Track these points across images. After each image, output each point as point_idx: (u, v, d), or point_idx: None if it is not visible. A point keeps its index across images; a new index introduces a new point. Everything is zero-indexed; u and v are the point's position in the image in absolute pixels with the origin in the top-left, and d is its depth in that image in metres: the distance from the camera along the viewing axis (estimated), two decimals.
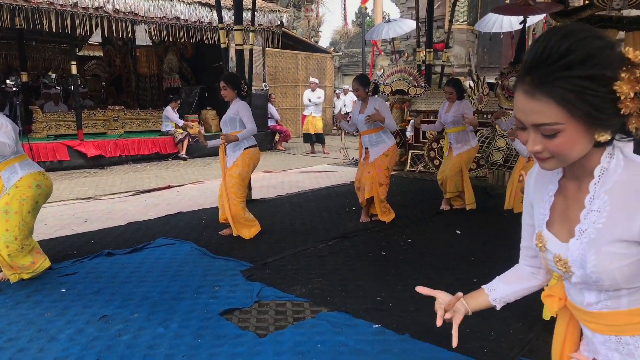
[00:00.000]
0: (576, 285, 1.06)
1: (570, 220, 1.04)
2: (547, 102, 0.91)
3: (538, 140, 0.96)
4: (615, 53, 0.91)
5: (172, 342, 2.72)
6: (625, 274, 0.96)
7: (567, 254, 1.02)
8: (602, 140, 0.95)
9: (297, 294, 3.40)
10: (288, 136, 12.71)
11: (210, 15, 10.03)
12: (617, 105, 0.90)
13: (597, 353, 1.08)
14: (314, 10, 24.36)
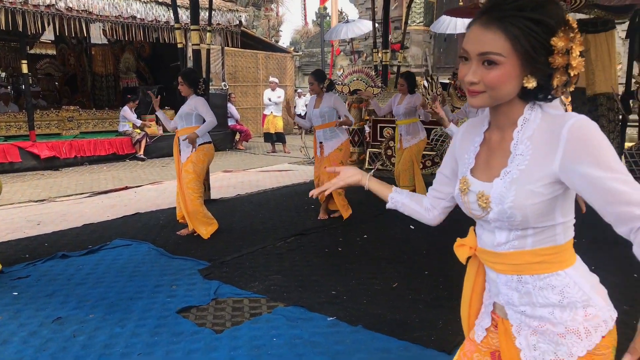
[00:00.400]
0: (490, 224, 1.18)
1: (493, 167, 1.17)
2: (497, 34, 1.05)
3: (478, 72, 1.08)
4: (560, 12, 1.05)
5: (129, 341, 2.74)
6: (536, 211, 1.09)
7: (490, 191, 1.14)
8: (529, 87, 1.08)
9: (255, 290, 3.47)
10: (248, 136, 12.70)
11: (168, 14, 9.93)
12: (549, 58, 1.05)
13: (499, 294, 1.21)
14: (274, 9, 24.36)
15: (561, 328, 1.12)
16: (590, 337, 1.11)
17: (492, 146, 1.20)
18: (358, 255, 4.26)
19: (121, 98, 12.26)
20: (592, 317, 1.12)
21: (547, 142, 1.08)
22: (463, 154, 1.28)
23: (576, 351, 1.10)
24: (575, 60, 1.05)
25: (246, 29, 13.37)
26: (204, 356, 2.60)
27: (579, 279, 1.14)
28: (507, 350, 1.20)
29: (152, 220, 5.35)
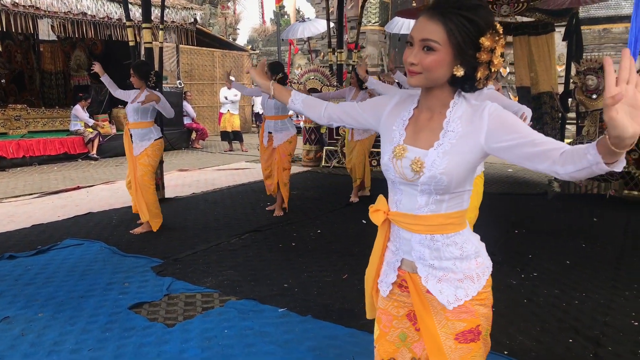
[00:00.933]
0: (414, 189, 1.37)
1: (421, 139, 1.37)
2: (437, 25, 1.26)
3: (418, 55, 1.28)
4: (490, 17, 1.27)
5: (79, 338, 2.75)
6: (459, 178, 1.32)
7: (425, 158, 1.33)
8: (457, 74, 1.28)
9: (207, 285, 3.52)
10: (205, 134, 12.61)
11: (120, 11, 9.76)
12: (476, 53, 1.26)
13: (412, 251, 1.41)
14: (231, 7, 24.18)
15: (460, 275, 1.37)
16: (480, 280, 1.38)
17: (420, 122, 1.40)
18: (311, 250, 4.37)
19: (72, 96, 11.95)
20: (481, 264, 1.40)
21: (473, 122, 1.31)
22: (391, 125, 1.45)
23: (471, 292, 1.37)
24: (497, 59, 1.27)
25: (202, 27, 13.25)
26: (155, 349, 2.65)
27: (471, 236, 1.43)
28: (419, 299, 1.41)
29: (104, 219, 5.30)
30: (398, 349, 1.49)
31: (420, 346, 1.47)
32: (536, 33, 7.21)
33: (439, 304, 1.37)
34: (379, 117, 1.49)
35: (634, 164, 6.24)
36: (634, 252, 4.26)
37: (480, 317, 1.38)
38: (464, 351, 1.36)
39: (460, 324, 1.37)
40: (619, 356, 2.61)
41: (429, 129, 1.36)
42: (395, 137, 1.41)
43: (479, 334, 1.38)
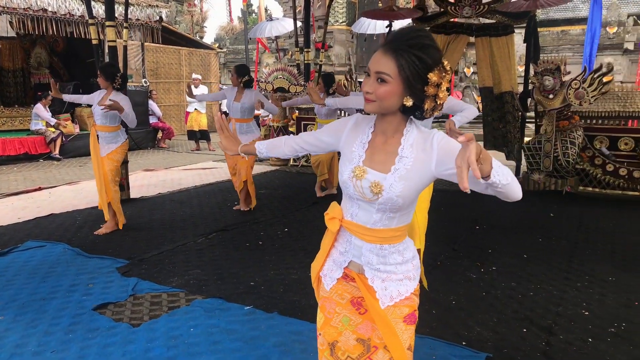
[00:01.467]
0: (372, 206, 1.49)
1: (377, 162, 1.48)
2: (390, 60, 1.38)
3: (373, 85, 1.41)
4: (438, 55, 1.38)
5: (41, 340, 2.73)
6: (412, 198, 1.48)
7: (383, 182, 1.45)
8: (407, 105, 1.40)
9: (173, 285, 3.53)
10: (171, 133, 12.47)
11: (82, 8, 9.56)
12: (424, 87, 1.38)
13: (361, 256, 1.56)
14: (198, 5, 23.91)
15: (400, 276, 1.56)
16: (415, 279, 1.60)
17: (376, 145, 1.51)
18: (278, 248, 4.42)
19: (33, 95, 11.63)
20: (416, 266, 1.60)
21: (425, 150, 1.43)
22: (350, 145, 1.55)
23: (410, 289, 1.57)
24: (442, 93, 1.39)
25: (168, 24, 13.08)
26: (119, 349, 2.65)
27: (410, 243, 1.61)
28: (367, 293, 1.57)
29: (68, 220, 5.21)
30: (341, 332, 1.60)
31: (365, 328, 1.59)
32: (497, 34, 7.41)
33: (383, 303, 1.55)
34: (338, 138, 1.61)
35: (589, 162, 6.52)
36: (586, 246, 4.47)
37: (415, 304, 1.60)
38: (410, 331, 1.57)
39: (405, 309, 1.56)
40: (569, 344, 2.75)
41: (384, 152, 1.49)
42: (354, 157, 1.52)
43: (416, 318, 1.60)
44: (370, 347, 1.58)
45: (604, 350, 2.67)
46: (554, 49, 14.95)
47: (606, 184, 6.43)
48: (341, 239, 1.63)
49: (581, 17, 15.48)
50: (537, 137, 6.68)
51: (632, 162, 6.35)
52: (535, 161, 6.63)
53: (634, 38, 14.34)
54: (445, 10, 7.39)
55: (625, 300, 3.30)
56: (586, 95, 6.25)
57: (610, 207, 5.88)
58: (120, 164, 4.87)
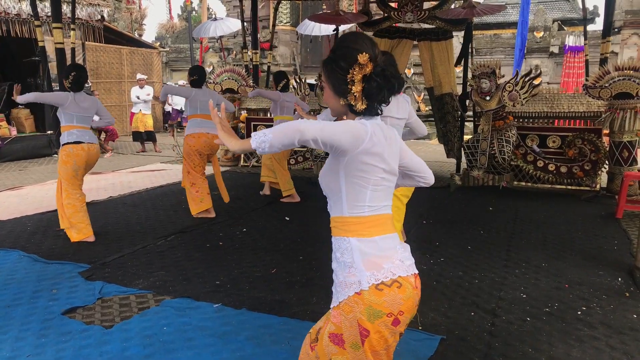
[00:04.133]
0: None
1: None
2: (323, 69, 1.61)
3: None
4: (354, 55, 1.51)
5: (14, 345, 2.75)
6: (326, 184, 1.63)
7: None
8: (342, 104, 1.58)
9: (140, 287, 3.60)
10: (115, 135, 12.15)
11: (19, 6, 9.19)
12: (347, 86, 1.54)
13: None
14: (137, 2, 23.28)
15: (340, 278, 1.60)
16: (346, 290, 1.55)
17: None
18: (238, 248, 4.56)
19: None
20: (352, 275, 1.55)
21: None
22: None
23: (339, 298, 1.58)
24: (354, 87, 1.52)
25: (108, 23, 12.75)
26: (96, 350, 2.73)
27: (356, 248, 1.56)
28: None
29: (17, 227, 5.10)
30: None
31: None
32: (437, 39, 7.85)
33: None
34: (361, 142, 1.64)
35: (522, 159, 7.07)
36: (522, 236, 4.91)
37: (343, 326, 1.53)
38: (330, 349, 1.57)
39: (332, 326, 1.58)
40: (511, 323, 3.09)
41: None
42: None
43: (342, 342, 1.54)
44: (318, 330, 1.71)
45: (541, 328, 3.03)
46: (487, 52, 15.81)
47: (537, 179, 7.00)
48: None
49: (511, 21, 16.44)
50: (475, 136, 7.16)
51: (559, 159, 6.95)
52: (474, 158, 7.11)
53: (558, 42, 15.42)
54: (389, 16, 7.74)
55: (557, 284, 3.71)
56: (519, 97, 6.78)
57: (542, 200, 6.42)
58: (65, 179, 4.72)
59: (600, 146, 6.69)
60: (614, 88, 6.21)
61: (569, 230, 5.10)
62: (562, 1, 18.53)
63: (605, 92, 6.27)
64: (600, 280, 3.76)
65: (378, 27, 7.91)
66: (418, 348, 2.80)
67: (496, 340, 2.87)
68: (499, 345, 2.82)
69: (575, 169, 6.82)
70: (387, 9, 7.72)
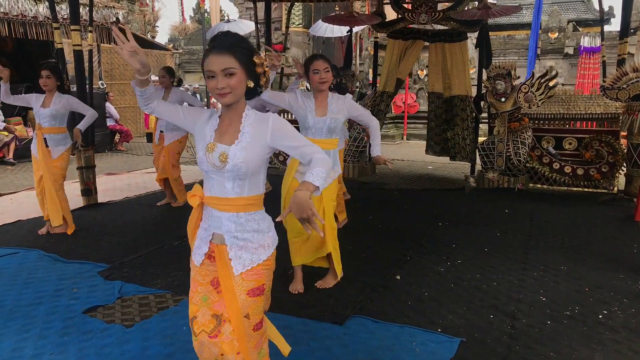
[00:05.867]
0: (223, 176, 1.83)
1: (225, 139, 1.85)
2: (230, 57, 1.77)
3: (224, 81, 1.76)
4: (252, 46, 1.85)
5: (37, 344, 2.79)
6: (254, 167, 1.83)
7: (228, 152, 1.82)
8: (250, 86, 1.83)
9: (159, 287, 3.63)
10: (129, 136, 12.29)
11: (35, 8, 9.31)
12: (255, 69, 1.84)
13: (222, 226, 1.88)
14: (149, 4, 23.47)
15: (257, 244, 1.89)
16: (269, 249, 1.93)
17: (222, 128, 1.89)
18: None
19: None
20: (271, 237, 1.95)
21: (261, 127, 1.85)
22: (203, 130, 1.92)
23: (262, 257, 1.90)
24: (267, 68, 1.88)
25: (123, 25, 12.86)
26: (117, 349, 2.75)
27: (266, 216, 1.95)
28: (222, 268, 1.87)
29: (37, 226, 5.15)
30: (200, 308, 1.92)
31: (220, 304, 1.89)
32: (451, 40, 7.83)
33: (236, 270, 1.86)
34: (194, 123, 1.96)
35: (537, 161, 7.02)
36: (539, 238, 4.87)
37: (265, 278, 1.91)
38: (252, 302, 1.88)
39: (252, 283, 1.88)
40: (531, 326, 3.07)
41: (229, 132, 1.86)
42: (206, 137, 1.88)
43: (263, 290, 1.91)
44: (221, 321, 1.88)
45: (562, 331, 3.00)
46: (501, 53, 15.72)
47: (553, 181, 6.94)
48: (204, 216, 1.94)
49: (525, 22, 16.35)
50: (490, 138, 7.12)
51: (575, 161, 6.89)
52: (489, 160, 7.07)
53: (573, 43, 15.29)
54: (403, 17, 7.73)
55: (577, 287, 3.67)
56: (534, 98, 6.74)
57: (558, 203, 6.37)
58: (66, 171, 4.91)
59: (617, 148, 6.61)
60: (632, 89, 6.14)
61: (587, 233, 5.05)
62: (577, 2, 18.39)
63: (623, 94, 6.20)
64: (621, 284, 3.72)
65: (392, 29, 7.90)
66: (437, 350, 2.79)
67: (516, 343, 2.85)
68: (520, 348, 2.80)
69: (592, 171, 6.76)
70: (401, 10, 7.71)
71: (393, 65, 8.03)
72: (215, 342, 1.87)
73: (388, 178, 8.20)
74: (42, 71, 4.61)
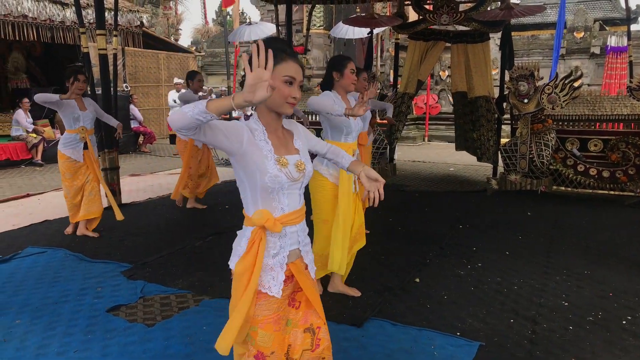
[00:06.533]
0: (295, 188, 1.73)
1: (286, 149, 1.74)
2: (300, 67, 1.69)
3: (299, 91, 1.68)
4: None
5: (62, 341, 2.86)
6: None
7: (302, 159, 1.75)
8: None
9: (180, 287, 3.69)
10: (153, 138, 12.49)
11: (63, 13, 9.54)
12: None
13: (298, 239, 1.79)
14: (173, 8, 23.83)
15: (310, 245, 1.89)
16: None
17: (274, 139, 1.71)
18: None
19: (10, 100, 11.50)
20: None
21: (298, 131, 1.84)
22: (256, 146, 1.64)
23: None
24: None
25: (147, 29, 13.09)
26: (139, 347, 2.81)
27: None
28: (305, 281, 1.79)
29: (63, 226, 5.28)
30: (289, 333, 1.78)
31: (304, 318, 1.82)
32: (473, 41, 7.75)
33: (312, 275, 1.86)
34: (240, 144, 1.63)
35: (561, 163, 6.90)
36: (562, 242, 4.79)
37: None
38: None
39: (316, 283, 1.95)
40: (553, 332, 3.03)
41: (283, 142, 1.75)
42: (266, 153, 1.65)
43: None
44: (314, 330, 1.81)
45: (584, 337, 2.95)
46: (524, 53, 15.49)
47: (578, 184, 6.81)
48: (270, 243, 1.71)
49: (550, 22, 16.09)
50: (513, 140, 7.03)
51: (601, 163, 6.75)
52: (511, 162, 6.98)
53: (600, 42, 14.98)
54: (424, 18, 7.68)
55: (600, 292, 3.61)
56: (558, 99, 6.63)
57: (583, 206, 6.25)
58: None
59: None
60: None
61: (612, 236, 4.95)
62: (603, 0, 18.01)
63: None
64: None
65: (413, 30, 7.87)
66: (456, 354, 2.77)
67: (537, 348, 2.81)
68: (540, 353, 2.77)
69: (618, 173, 6.61)
70: (422, 11, 7.67)
71: (414, 67, 7.99)
72: (318, 353, 1.80)
73: (408, 180, 8.16)
74: (80, 75, 4.65)
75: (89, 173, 4.91)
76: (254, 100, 1.42)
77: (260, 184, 1.65)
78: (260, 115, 1.71)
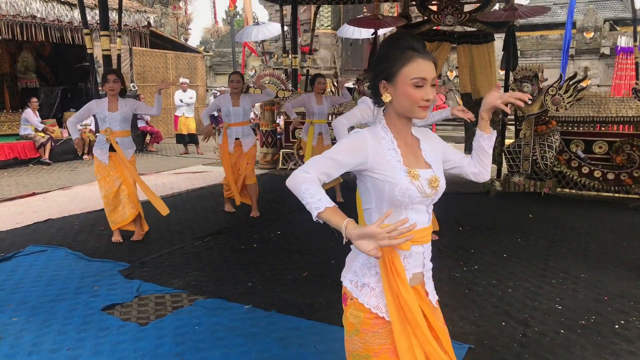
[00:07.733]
0: (425, 203, 1.55)
1: (412, 161, 1.55)
2: (434, 66, 1.50)
3: (433, 92, 1.50)
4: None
5: (56, 339, 2.91)
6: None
7: (436, 175, 1.56)
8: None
9: (175, 286, 3.72)
10: (159, 137, 12.58)
11: (71, 14, 9.65)
12: None
13: (424, 264, 1.59)
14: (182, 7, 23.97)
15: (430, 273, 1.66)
16: None
17: (403, 149, 1.55)
18: (272, 250, 4.63)
19: (20, 99, 11.66)
20: None
21: (430, 141, 1.64)
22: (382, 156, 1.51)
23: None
24: None
25: (155, 29, 13.20)
26: (131, 346, 2.84)
27: None
28: (427, 309, 1.57)
29: (66, 225, 5.35)
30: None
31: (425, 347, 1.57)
32: (477, 42, 7.72)
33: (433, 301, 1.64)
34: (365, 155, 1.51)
35: (566, 165, 6.85)
36: (562, 245, 4.76)
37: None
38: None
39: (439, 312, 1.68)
40: (544, 335, 3.02)
41: (413, 153, 1.57)
42: (393, 164, 1.50)
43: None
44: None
45: (575, 341, 2.94)
46: (533, 54, 15.38)
47: (582, 186, 6.77)
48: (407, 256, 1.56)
49: (559, 22, 15.95)
50: (516, 141, 6.99)
51: (606, 165, 6.70)
52: (515, 164, 6.95)
53: (610, 43, 14.82)
54: (429, 19, 7.67)
55: (596, 295, 3.58)
56: (562, 101, 6.59)
57: (586, 208, 6.20)
58: None
59: None
60: None
61: (613, 239, 4.91)
62: (614, 0, 17.82)
63: None
64: None
65: (417, 31, 7.84)
66: None
67: (526, 352, 2.81)
68: (529, 357, 2.76)
69: (623, 175, 6.55)
70: (427, 12, 7.65)
71: None
72: None
73: None
74: (109, 76, 4.58)
75: (119, 176, 4.75)
76: (357, 245, 1.39)
77: (388, 197, 1.50)
78: (388, 121, 1.56)
